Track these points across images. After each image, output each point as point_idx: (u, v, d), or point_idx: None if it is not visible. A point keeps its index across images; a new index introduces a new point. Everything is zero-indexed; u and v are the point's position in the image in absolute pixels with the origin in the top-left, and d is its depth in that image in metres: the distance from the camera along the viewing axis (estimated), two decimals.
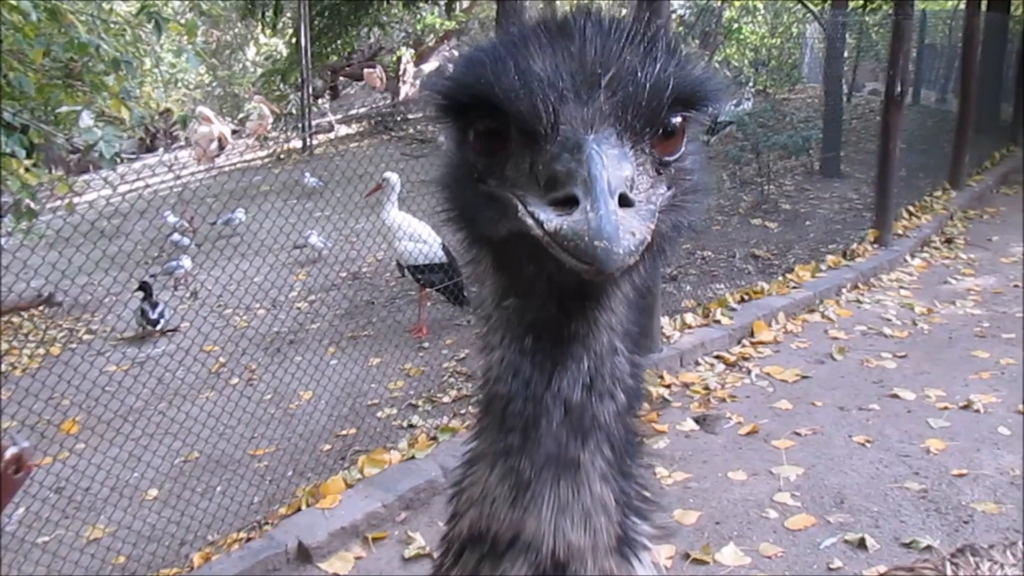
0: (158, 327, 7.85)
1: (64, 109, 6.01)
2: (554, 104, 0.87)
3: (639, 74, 0.89)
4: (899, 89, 8.99)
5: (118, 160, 5.52)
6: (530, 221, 0.83)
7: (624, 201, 0.81)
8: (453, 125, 1.01)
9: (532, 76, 0.88)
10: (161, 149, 19.43)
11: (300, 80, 16.22)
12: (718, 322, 7.01)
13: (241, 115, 18.55)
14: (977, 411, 5.50)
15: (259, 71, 21.56)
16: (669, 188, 0.95)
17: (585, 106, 0.87)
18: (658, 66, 0.90)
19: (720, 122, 11.67)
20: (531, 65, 0.89)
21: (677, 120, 0.95)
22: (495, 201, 0.93)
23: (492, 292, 1.04)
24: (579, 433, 0.96)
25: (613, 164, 0.82)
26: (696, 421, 5.57)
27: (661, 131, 0.93)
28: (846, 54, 12.92)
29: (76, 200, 6.45)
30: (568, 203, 0.80)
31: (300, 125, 16.42)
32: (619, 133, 0.88)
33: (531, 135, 0.88)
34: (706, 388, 6.06)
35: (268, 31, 19.06)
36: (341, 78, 22.76)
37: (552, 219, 0.80)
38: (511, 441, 0.98)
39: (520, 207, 0.86)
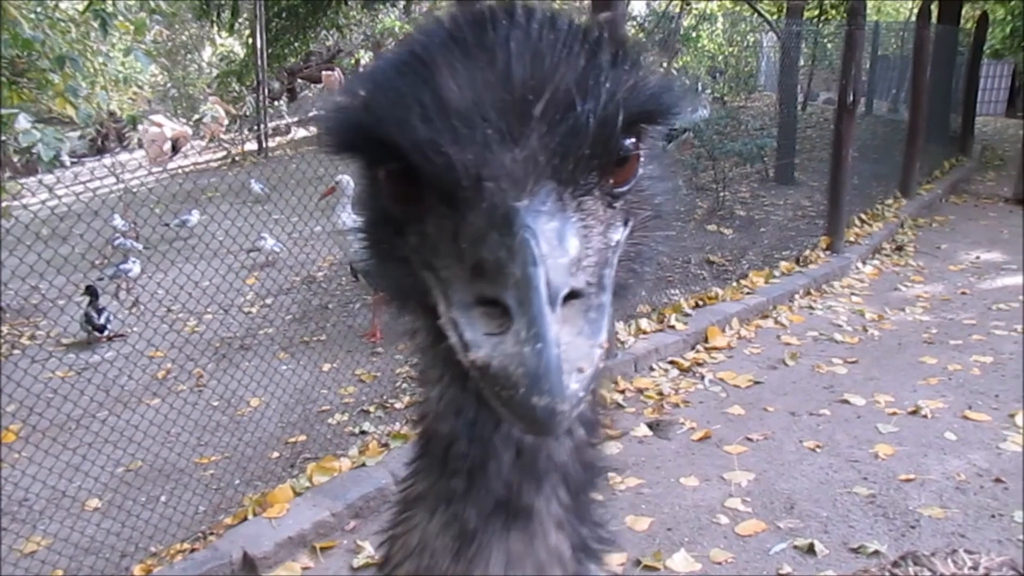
0: (104, 332, 7.66)
1: (3, 111, 5.83)
2: (475, 154, 0.69)
3: (582, 95, 0.71)
4: (851, 98, 9.11)
5: (58, 162, 5.36)
6: (454, 338, 0.68)
7: (572, 294, 0.67)
8: (358, 163, 0.85)
9: (443, 115, 0.70)
10: (109, 154, 19.04)
11: (256, 82, 16.01)
12: (672, 327, 7.03)
13: (196, 116, 18.25)
14: (925, 416, 5.57)
15: (215, 72, 21.28)
16: (626, 222, 0.81)
17: (514, 151, 0.69)
18: (606, 80, 0.72)
19: (677, 129, 11.75)
20: (442, 99, 0.70)
21: (632, 142, 0.79)
22: (416, 274, 0.79)
23: (427, 331, 0.88)
24: (532, 476, 0.84)
25: (554, 248, 0.66)
26: (649, 427, 5.56)
27: (613, 159, 0.77)
28: (801, 63, 13.11)
29: (23, 202, 6.27)
30: (499, 308, 0.66)
31: (256, 127, 16.21)
32: (559, 187, 0.71)
33: (449, 198, 0.72)
34: (660, 393, 6.07)
35: (224, 32, 18.80)
36: (299, 80, 22.56)
37: (480, 343, 0.65)
38: (454, 485, 0.85)
39: (442, 305, 0.72)
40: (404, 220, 0.79)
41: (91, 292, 7.60)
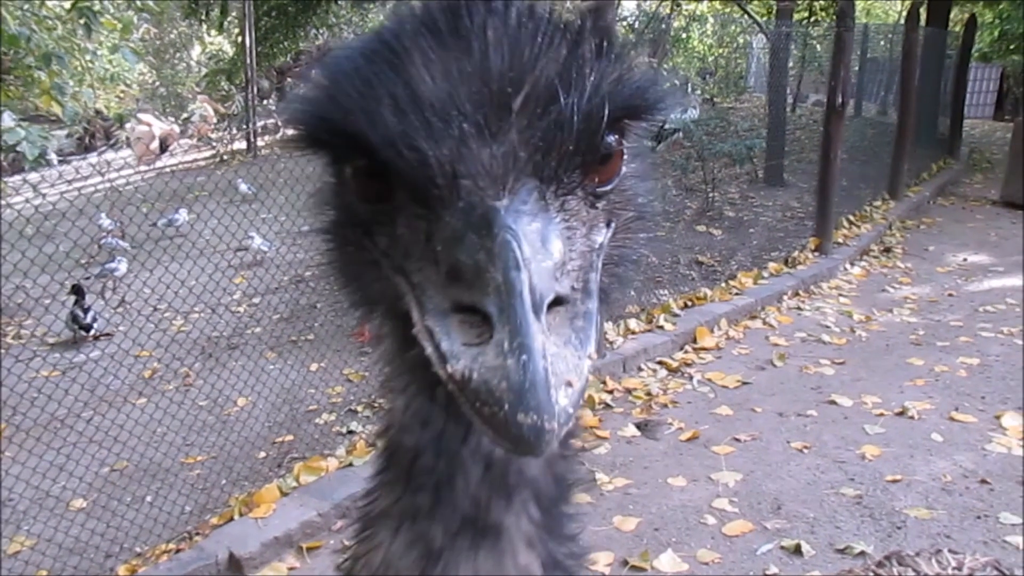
0: (91, 332, 7.61)
1: None
2: (450, 150, 0.65)
3: (565, 87, 0.67)
4: (840, 100, 9.14)
5: (44, 161, 5.32)
6: (429, 348, 0.64)
7: (556, 301, 0.63)
8: (323, 159, 0.80)
9: (415, 107, 0.65)
10: (96, 152, 18.94)
11: (245, 80, 15.95)
12: (661, 328, 7.03)
13: (185, 115, 18.17)
14: (911, 418, 5.58)
15: (204, 71, 21.19)
16: (608, 223, 0.77)
17: (492, 146, 0.65)
18: (590, 72, 0.69)
19: (667, 129, 11.78)
20: (415, 90, 0.66)
21: (615, 138, 0.75)
22: (386, 279, 0.74)
23: (394, 339, 0.84)
24: (502, 492, 0.80)
25: (537, 250, 0.62)
26: (638, 427, 5.56)
27: (596, 157, 0.73)
28: (790, 65, 13.15)
29: (8, 201, 6.22)
30: (478, 315, 0.62)
31: (245, 126, 16.15)
32: (541, 185, 0.67)
33: (422, 197, 0.67)
34: (648, 394, 6.07)
35: (214, 30, 18.73)
36: (288, 79, 22.46)
37: (458, 354, 0.61)
38: (420, 501, 0.80)
39: (416, 312, 0.67)
40: (373, 220, 0.75)
41: (77, 291, 7.55)
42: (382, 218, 0.73)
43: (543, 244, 0.64)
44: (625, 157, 0.79)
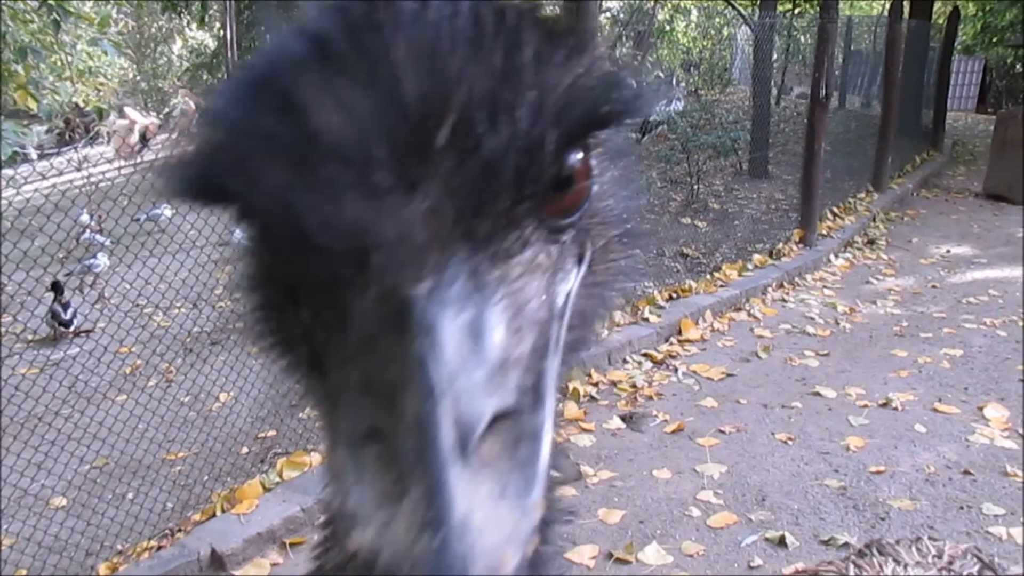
0: (71, 328, 7.54)
1: None
2: (355, 212, 0.48)
3: (503, 108, 0.51)
4: (824, 92, 9.15)
5: (22, 156, 5.25)
6: (336, 498, 0.51)
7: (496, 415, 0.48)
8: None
9: (306, 157, 0.49)
10: (73, 147, 18.76)
11: (227, 74, 15.83)
12: (646, 320, 7.02)
13: (166, 110, 18.03)
14: (895, 409, 5.60)
15: (185, 65, 21.04)
16: (580, 257, 0.62)
17: (412, 201, 0.49)
18: (534, 83, 0.52)
19: (652, 121, 11.78)
20: (304, 133, 0.49)
21: (578, 158, 0.58)
22: (304, 346, 0.59)
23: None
24: None
25: (467, 357, 0.48)
26: (623, 419, 5.55)
27: (552, 186, 0.56)
28: (774, 57, 13.17)
29: None
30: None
31: None
32: (475, 252, 0.51)
33: (326, 276, 0.52)
34: (633, 386, 6.06)
35: (195, 24, 18.58)
36: None
37: (367, 517, 0.47)
38: None
39: (328, 431, 0.55)
40: (296, 286, 0.57)
41: (56, 288, 7.48)
42: (307, 286, 0.57)
43: (476, 343, 0.49)
44: (595, 172, 0.63)
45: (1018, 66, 27.36)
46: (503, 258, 0.53)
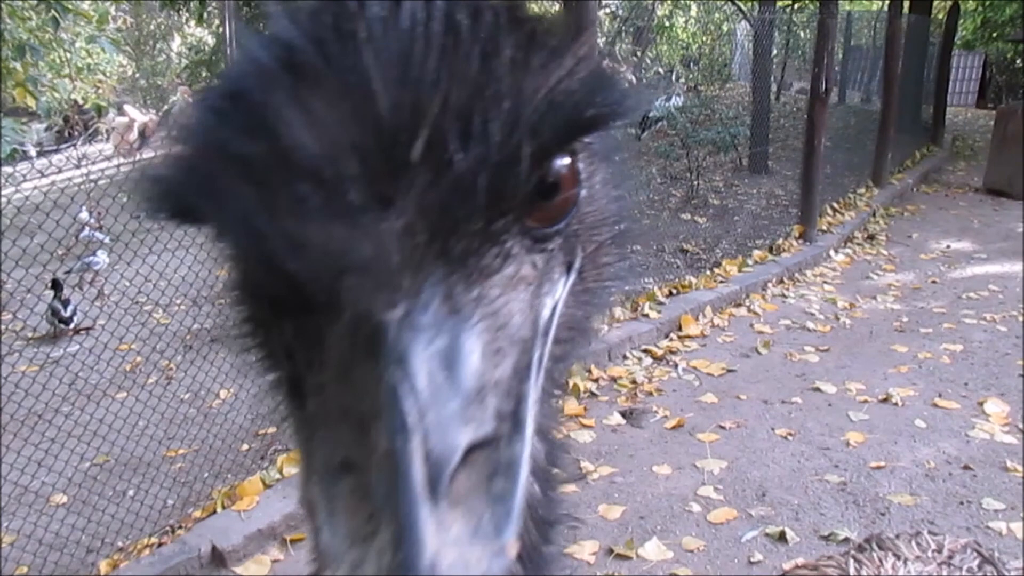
0: (71, 325, 7.54)
1: None
2: (326, 233, 0.46)
3: (481, 116, 0.48)
4: (824, 87, 9.14)
5: (21, 154, 5.24)
6: (311, 536, 0.51)
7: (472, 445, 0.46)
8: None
9: (277, 175, 0.47)
10: (72, 144, 18.74)
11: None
12: (646, 316, 7.02)
13: (165, 107, 18.01)
14: (895, 404, 5.60)
15: (184, 62, 21.01)
16: (569, 264, 0.59)
17: (386, 220, 0.46)
18: (515, 88, 0.50)
19: (651, 118, 11.78)
20: (274, 149, 0.47)
21: (565, 163, 0.56)
22: (287, 364, 0.58)
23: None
24: None
25: (441, 387, 0.45)
26: (623, 415, 5.56)
27: (534, 193, 0.53)
28: (774, 52, 13.16)
29: None
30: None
31: None
32: (451, 274, 0.49)
33: (300, 300, 0.50)
34: (633, 382, 6.06)
35: (194, 21, 18.55)
36: None
37: (340, 554, 0.45)
38: None
39: (304, 460, 0.53)
40: (280, 303, 0.54)
41: (56, 285, 7.48)
42: (290, 304, 0.54)
43: (451, 371, 0.46)
44: (583, 176, 0.60)
45: (1018, 61, 27.33)
46: (482, 276, 0.51)
